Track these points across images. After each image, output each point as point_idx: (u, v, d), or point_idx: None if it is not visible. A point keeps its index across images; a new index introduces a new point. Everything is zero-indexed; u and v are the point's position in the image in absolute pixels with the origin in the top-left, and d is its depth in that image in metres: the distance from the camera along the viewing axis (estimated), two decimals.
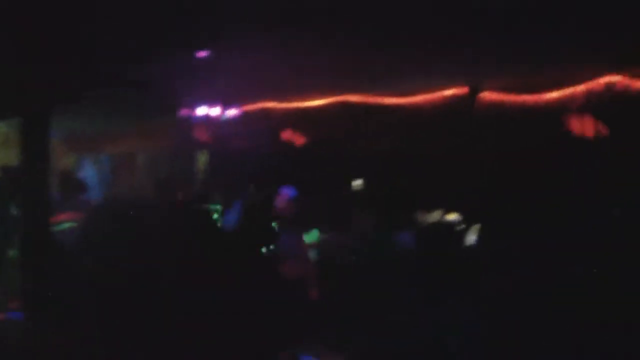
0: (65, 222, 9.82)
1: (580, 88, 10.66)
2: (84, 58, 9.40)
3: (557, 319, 5.61)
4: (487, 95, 11.41)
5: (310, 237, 10.54)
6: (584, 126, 10.56)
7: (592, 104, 10.52)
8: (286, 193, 10.38)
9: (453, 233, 6.27)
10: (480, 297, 5.37)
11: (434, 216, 10.67)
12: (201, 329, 4.92)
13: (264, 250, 8.67)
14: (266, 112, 14.37)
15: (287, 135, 13.98)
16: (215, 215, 10.23)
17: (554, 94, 10.92)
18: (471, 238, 9.45)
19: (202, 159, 16.15)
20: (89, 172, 17.73)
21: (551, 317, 5.54)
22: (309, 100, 13.57)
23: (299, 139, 13.79)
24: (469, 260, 5.89)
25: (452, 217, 10.67)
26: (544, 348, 5.18)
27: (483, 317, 4.98)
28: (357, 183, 14.03)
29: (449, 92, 11.86)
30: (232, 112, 14.48)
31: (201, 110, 14.39)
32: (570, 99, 10.76)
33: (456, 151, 11.90)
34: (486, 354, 4.83)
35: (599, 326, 5.34)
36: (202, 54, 9.50)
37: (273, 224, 9.24)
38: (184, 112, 14.69)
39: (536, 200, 10.43)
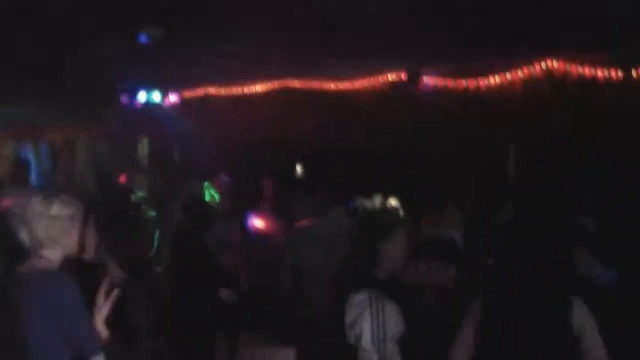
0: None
1: (519, 73, 10.73)
2: (20, 44, 9.29)
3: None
4: (427, 80, 11.44)
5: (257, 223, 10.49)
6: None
7: (531, 90, 10.60)
8: (222, 180, 10.36)
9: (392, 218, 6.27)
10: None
11: (374, 202, 10.69)
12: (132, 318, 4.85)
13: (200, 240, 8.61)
14: (206, 98, 14.30)
15: (227, 121, 13.91)
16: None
17: (494, 79, 10.98)
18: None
19: (142, 145, 16.03)
20: (28, 160, 17.53)
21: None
22: (249, 86, 13.52)
23: (239, 125, 13.73)
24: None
25: (393, 202, 10.70)
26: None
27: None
28: (298, 169, 14.03)
29: (388, 77, 11.88)
30: (172, 98, 14.39)
31: (141, 97, 14.25)
32: (510, 84, 10.84)
33: (397, 136, 11.94)
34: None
35: None
36: (143, 39, 9.40)
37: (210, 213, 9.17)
38: (124, 98, 14.55)
39: (480, 186, 10.50)
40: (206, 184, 10.39)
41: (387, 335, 4.77)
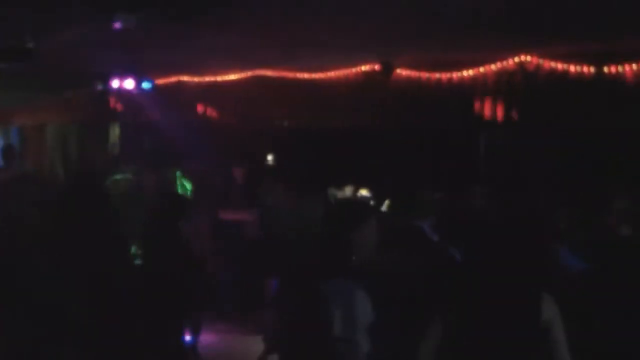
0: None
1: (492, 67, 10.79)
2: None
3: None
4: (401, 72, 11.47)
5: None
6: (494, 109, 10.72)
7: (504, 84, 10.65)
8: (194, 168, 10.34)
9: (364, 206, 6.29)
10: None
11: (345, 192, 10.74)
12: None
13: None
14: (180, 86, 14.27)
15: (200, 109, 13.90)
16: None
17: (467, 72, 11.03)
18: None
19: (114, 131, 15.99)
20: None
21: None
22: (223, 74, 13.50)
23: (212, 113, 13.73)
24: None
25: (364, 192, 10.75)
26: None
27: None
28: (270, 158, 14.05)
29: (362, 68, 11.90)
30: (145, 84, 14.33)
31: (115, 83, 14.18)
32: (483, 77, 10.89)
33: (369, 127, 11.98)
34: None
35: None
36: (117, 25, 9.34)
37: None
38: (97, 84, 14.47)
39: (450, 176, 10.57)
40: (178, 173, 10.35)
41: (357, 324, 4.79)
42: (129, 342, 4.86)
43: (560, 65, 10.26)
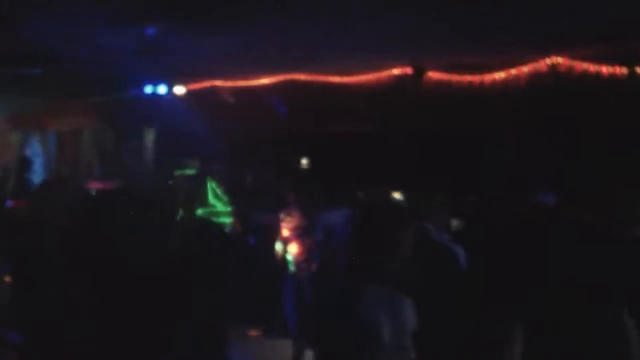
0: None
1: (524, 69, 10.76)
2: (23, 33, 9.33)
3: None
4: (432, 75, 11.47)
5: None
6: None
7: (535, 86, 10.62)
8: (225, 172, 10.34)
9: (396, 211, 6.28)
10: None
11: (378, 194, 10.74)
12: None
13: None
14: (213, 90, 14.33)
15: (233, 113, 13.96)
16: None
17: (499, 75, 11.01)
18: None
19: (149, 136, 16.09)
20: (35, 150, 17.62)
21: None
22: (255, 79, 13.56)
23: (244, 117, 13.78)
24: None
25: (396, 195, 10.75)
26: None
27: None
28: (304, 162, 14.08)
29: (393, 71, 11.90)
30: (179, 89, 14.43)
31: (148, 88, 14.30)
32: (515, 80, 10.86)
33: (401, 130, 11.98)
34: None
35: None
36: (150, 31, 9.44)
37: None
38: (131, 89, 14.60)
39: (485, 182, 10.54)
40: (208, 180, 10.29)
41: (405, 331, 4.78)
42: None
43: (592, 67, 10.21)
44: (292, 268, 9.64)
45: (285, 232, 9.88)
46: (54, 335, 4.77)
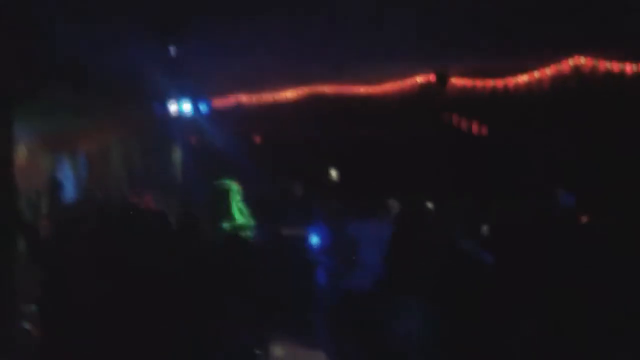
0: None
1: (547, 71, 10.73)
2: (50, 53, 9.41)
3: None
4: (455, 81, 11.46)
5: None
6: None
7: (559, 87, 10.59)
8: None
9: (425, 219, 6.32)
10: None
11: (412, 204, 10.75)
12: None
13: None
14: (238, 106, 14.40)
15: (258, 127, 14.02)
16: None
17: (522, 78, 10.98)
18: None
19: (176, 153, 16.14)
20: (65, 171, 17.70)
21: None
22: (279, 92, 13.60)
23: (271, 131, 13.84)
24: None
25: (427, 204, 10.75)
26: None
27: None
28: (332, 172, 14.10)
29: (417, 79, 11.91)
30: (202, 106, 14.49)
31: (172, 105, 14.36)
32: (538, 82, 10.83)
33: (426, 138, 11.99)
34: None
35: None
36: (176, 47, 9.52)
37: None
38: (158, 105, 14.67)
39: (510, 187, 10.51)
40: (232, 193, 10.16)
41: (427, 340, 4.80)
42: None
43: (616, 66, 10.17)
44: (324, 280, 9.65)
45: (315, 245, 9.89)
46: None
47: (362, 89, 12.56)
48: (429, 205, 10.63)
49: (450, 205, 7.33)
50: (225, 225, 8.84)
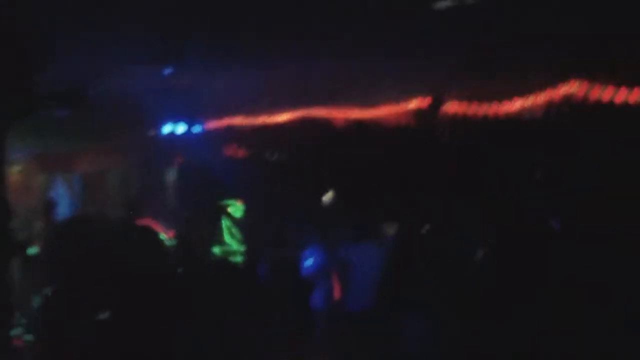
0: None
1: (540, 97, 10.76)
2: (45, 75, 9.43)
3: None
4: (450, 106, 11.50)
5: None
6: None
7: (552, 112, 10.61)
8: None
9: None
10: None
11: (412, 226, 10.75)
12: None
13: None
14: (231, 128, 14.43)
15: (252, 149, 14.05)
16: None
17: (515, 104, 11.01)
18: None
19: (171, 175, 16.15)
20: (60, 192, 17.70)
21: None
22: (274, 116, 13.63)
23: (264, 153, 13.86)
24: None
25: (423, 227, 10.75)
26: None
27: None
28: (327, 196, 14.10)
29: (412, 104, 11.94)
30: (196, 128, 14.53)
31: (169, 127, 14.39)
32: (531, 108, 10.86)
33: (421, 162, 11.99)
34: None
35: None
36: (170, 71, 9.55)
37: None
38: (152, 128, 14.69)
39: (503, 207, 10.50)
40: (224, 218, 10.05)
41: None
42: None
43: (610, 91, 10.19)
44: (320, 304, 9.62)
45: (310, 269, 9.87)
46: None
47: (357, 113, 12.59)
48: (426, 225, 10.66)
49: (447, 225, 7.34)
50: (216, 249, 8.83)
